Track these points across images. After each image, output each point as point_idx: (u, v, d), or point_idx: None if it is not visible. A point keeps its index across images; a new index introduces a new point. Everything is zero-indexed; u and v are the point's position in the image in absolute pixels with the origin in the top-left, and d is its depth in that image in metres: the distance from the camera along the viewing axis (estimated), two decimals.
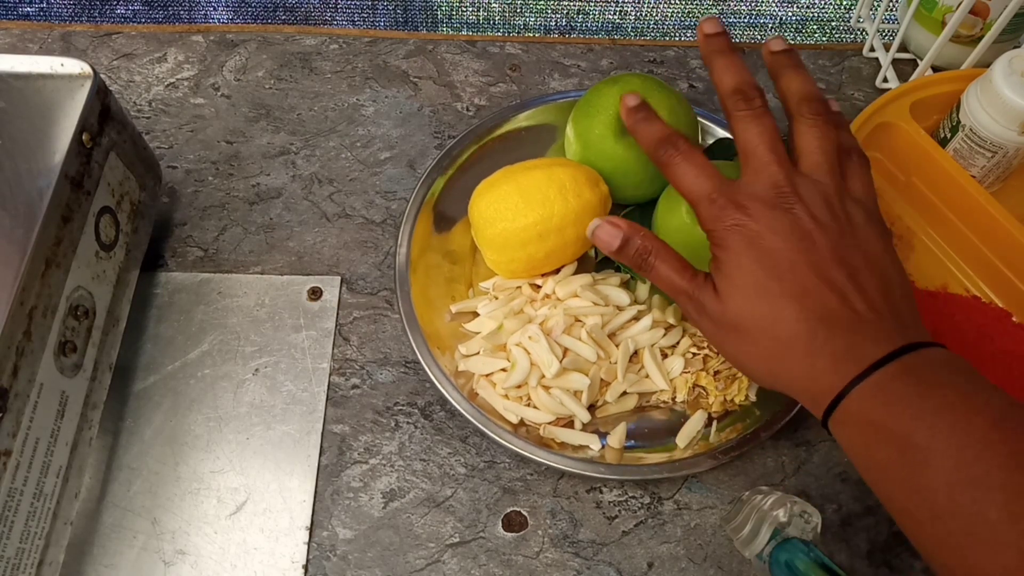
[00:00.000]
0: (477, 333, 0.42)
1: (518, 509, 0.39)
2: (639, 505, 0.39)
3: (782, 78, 0.35)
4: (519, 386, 0.40)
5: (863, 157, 0.35)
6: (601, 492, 0.40)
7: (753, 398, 0.41)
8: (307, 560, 0.38)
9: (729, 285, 0.32)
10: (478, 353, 0.41)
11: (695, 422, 0.40)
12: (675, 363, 0.41)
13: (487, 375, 0.41)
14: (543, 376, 0.39)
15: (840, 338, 0.30)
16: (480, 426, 0.38)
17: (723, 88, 0.35)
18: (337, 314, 0.44)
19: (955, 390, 0.28)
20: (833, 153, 0.33)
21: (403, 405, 0.42)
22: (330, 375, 0.43)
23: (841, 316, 0.30)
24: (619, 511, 0.39)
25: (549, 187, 0.40)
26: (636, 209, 0.45)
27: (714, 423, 0.40)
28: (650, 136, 0.36)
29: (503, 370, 0.40)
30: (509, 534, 0.39)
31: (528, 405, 0.40)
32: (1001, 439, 0.27)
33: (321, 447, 0.41)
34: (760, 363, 0.32)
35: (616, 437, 0.39)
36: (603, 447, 0.39)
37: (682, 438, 0.39)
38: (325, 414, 0.41)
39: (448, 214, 0.46)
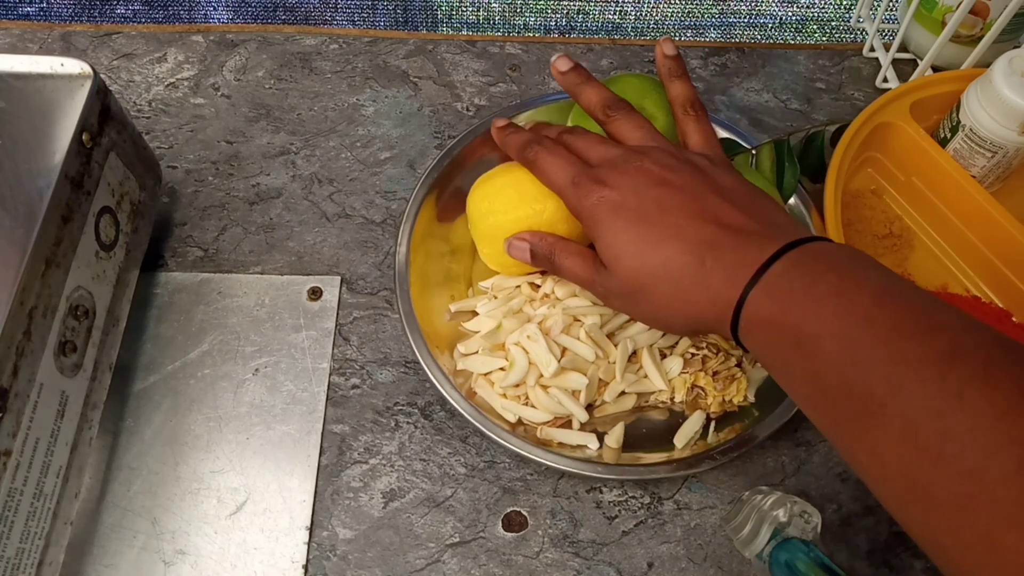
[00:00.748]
0: (476, 332, 0.42)
1: (518, 509, 0.39)
2: (639, 505, 0.39)
3: (672, 85, 0.40)
4: (517, 385, 0.40)
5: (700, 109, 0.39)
6: (601, 492, 0.40)
7: (752, 399, 0.41)
8: (307, 560, 0.38)
9: (612, 256, 0.34)
10: (477, 352, 0.41)
11: (693, 423, 0.40)
12: (673, 363, 0.41)
13: (485, 374, 0.41)
14: (541, 375, 0.39)
15: (727, 254, 0.31)
16: (479, 425, 0.38)
17: (593, 103, 0.39)
18: (337, 314, 0.44)
19: (838, 274, 0.29)
20: (713, 137, 0.38)
21: (403, 405, 0.42)
22: (330, 375, 0.43)
23: (722, 236, 0.32)
24: (619, 511, 0.39)
25: None
26: None
27: (712, 424, 0.40)
28: (514, 144, 0.39)
29: (501, 369, 0.40)
30: (509, 534, 0.39)
31: (526, 404, 0.40)
32: (882, 313, 0.27)
33: (321, 447, 0.41)
34: (668, 311, 0.33)
35: (614, 437, 0.39)
36: (601, 447, 0.39)
37: (680, 439, 0.39)
38: (325, 414, 0.41)
39: (448, 213, 0.46)
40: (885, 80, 0.55)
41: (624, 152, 0.36)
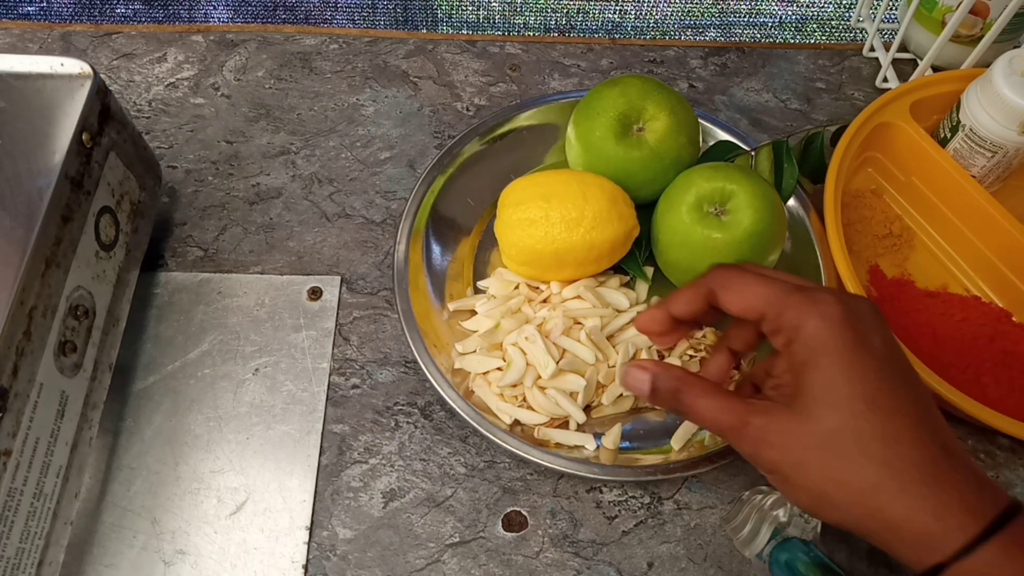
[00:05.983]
0: (475, 331, 0.42)
1: (518, 509, 0.39)
2: (639, 505, 0.39)
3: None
4: (514, 385, 0.40)
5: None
6: (601, 492, 0.40)
7: None
8: (307, 560, 0.38)
9: (823, 392, 0.26)
10: (475, 352, 0.41)
11: (690, 425, 0.40)
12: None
13: (483, 373, 0.41)
14: (539, 376, 0.39)
15: (966, 476, 0.25)
16: (477, 425, 0.38)
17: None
18: (337, 314, 0.44)
19: None
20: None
21: (403, 405, 0.42)
22: (330, 375, 0.43)
23: (957, 448, 0.25)
24: (619, 511, 0.39)
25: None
26: (637, 210, 0.45)
27: None
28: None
29: (498, 369, 0.40)
30: (509, 534, 0.39)
31: (523, 405, 0.40)
32: None
33: (321, 447, 0.41)
34: (856, 496, 0.26)
35: (611, 438, 0.39)
36: (598, 447, 0.39)
37: (677, 440, 0.39)
38: (325, 414, 0.41)
39: (448, 212, 0.46)
40: (885, 80, 0.55)
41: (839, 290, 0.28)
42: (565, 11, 0.65)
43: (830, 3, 0.66)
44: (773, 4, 0.66)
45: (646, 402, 0.41)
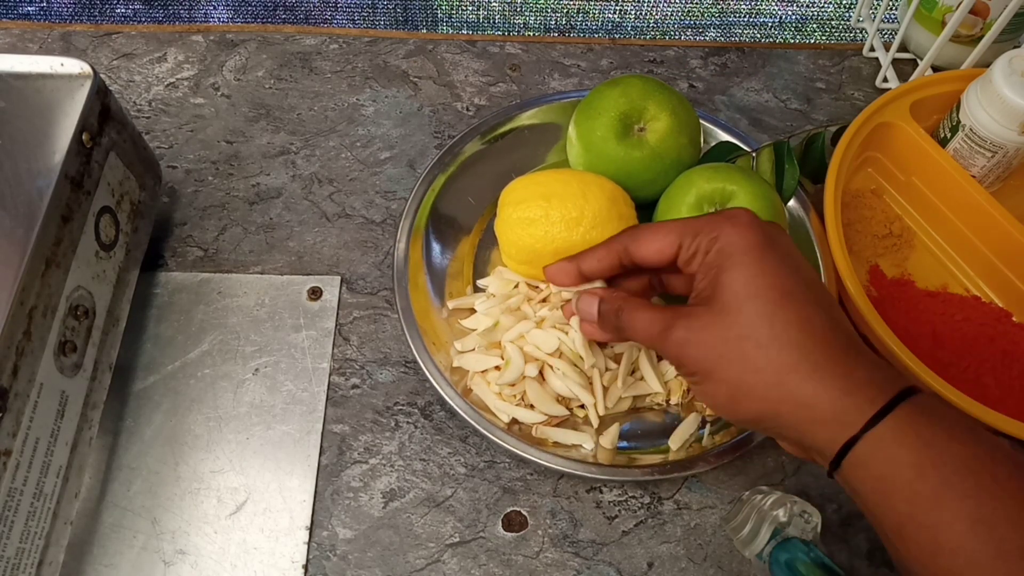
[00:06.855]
0: (473, 330, 0.42)
1: (518, 509, 0.39)
2: (639, 505, 0.39)
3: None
4: (513, 384, 0.40)
5: None
6: (601, 492, 0.40)
7: None
8: (307, 560, 0.38)
9: (741, 286, 0.29)
10: (473, 350, 0.41)
11: (689, 424, 0.40)
12: (670, 365, 0.41)
13: (481, 372, 0.41)
14: (540, 371, 0.39)
15: (869, 361, 0.28)
16: (476, 424, 0.38)
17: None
18: (337, 314, 0.44)
19: (965, 439, 0.26)
20: None
21: (403, 405, 0.42)
22: (330, 375, 0.43)
23: (859, 340, 0.28)
24: (619, 511, 0.39)
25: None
26: (637, 210, 0.45)
27: (707, 425, 0.40)
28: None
29: (496, 368, 0.40)
30: (509, 534, 0.39)
31: (520, 404, 0.40)
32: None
33: (321, 447, 0.41)
34: (774, 378, 0.28)
35: (608, 438, 0.39)
36: (596, 447, 0.39)
37: (675, 440, 0.39)
38: (325, 414, 0.41)
39: (448, 211, 0.46)
40: (885, 80, 0.55)
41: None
42: (565, 11, 0.65)
43: (830, 3, 0.66)
44: (773, 4, 0.66)
45: (643, 403, 0.41)
